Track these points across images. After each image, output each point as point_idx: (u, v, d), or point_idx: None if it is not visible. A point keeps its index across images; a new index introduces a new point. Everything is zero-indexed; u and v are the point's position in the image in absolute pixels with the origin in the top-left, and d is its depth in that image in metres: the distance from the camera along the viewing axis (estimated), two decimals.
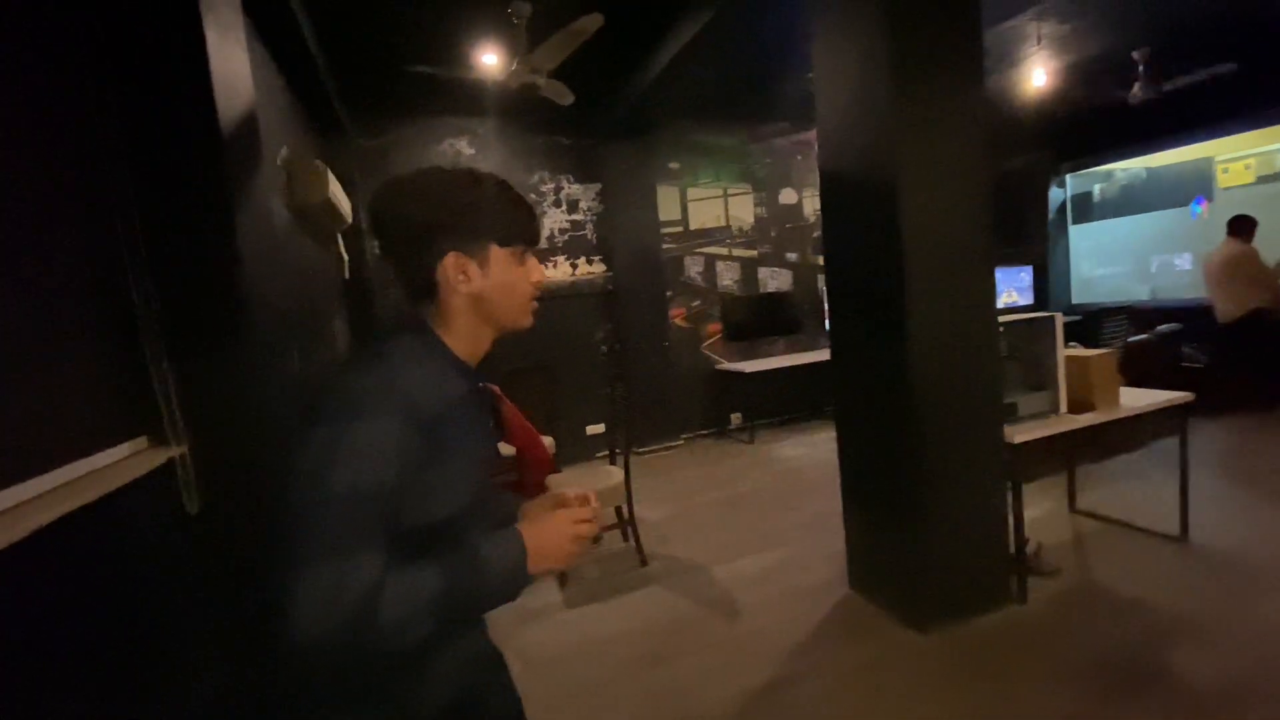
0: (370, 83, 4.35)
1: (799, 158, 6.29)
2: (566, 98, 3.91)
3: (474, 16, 3.58)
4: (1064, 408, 2.55)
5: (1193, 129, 5.98)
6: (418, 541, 0.73)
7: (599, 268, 5.59)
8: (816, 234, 6.29)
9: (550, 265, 5.38)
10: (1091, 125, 6.47)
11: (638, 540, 3.29)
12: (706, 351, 6.06)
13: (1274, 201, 5.82)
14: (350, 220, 3.63)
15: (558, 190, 5.43)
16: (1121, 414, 2.63)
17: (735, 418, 6.10)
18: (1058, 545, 2.94)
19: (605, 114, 5.22)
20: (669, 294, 5.84)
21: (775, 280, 6.36)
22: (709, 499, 4.26)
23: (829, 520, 3.01)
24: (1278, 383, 4.80)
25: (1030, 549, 2.64)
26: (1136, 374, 4.57)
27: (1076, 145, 6.92)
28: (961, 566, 2.42)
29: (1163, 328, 4.98)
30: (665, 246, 5.82)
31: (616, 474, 3.28)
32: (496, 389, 3.17)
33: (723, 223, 6.11)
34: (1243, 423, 4.56)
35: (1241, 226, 4.95)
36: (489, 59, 3.78)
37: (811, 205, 6.33)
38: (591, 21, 3.12)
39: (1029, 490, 2.52)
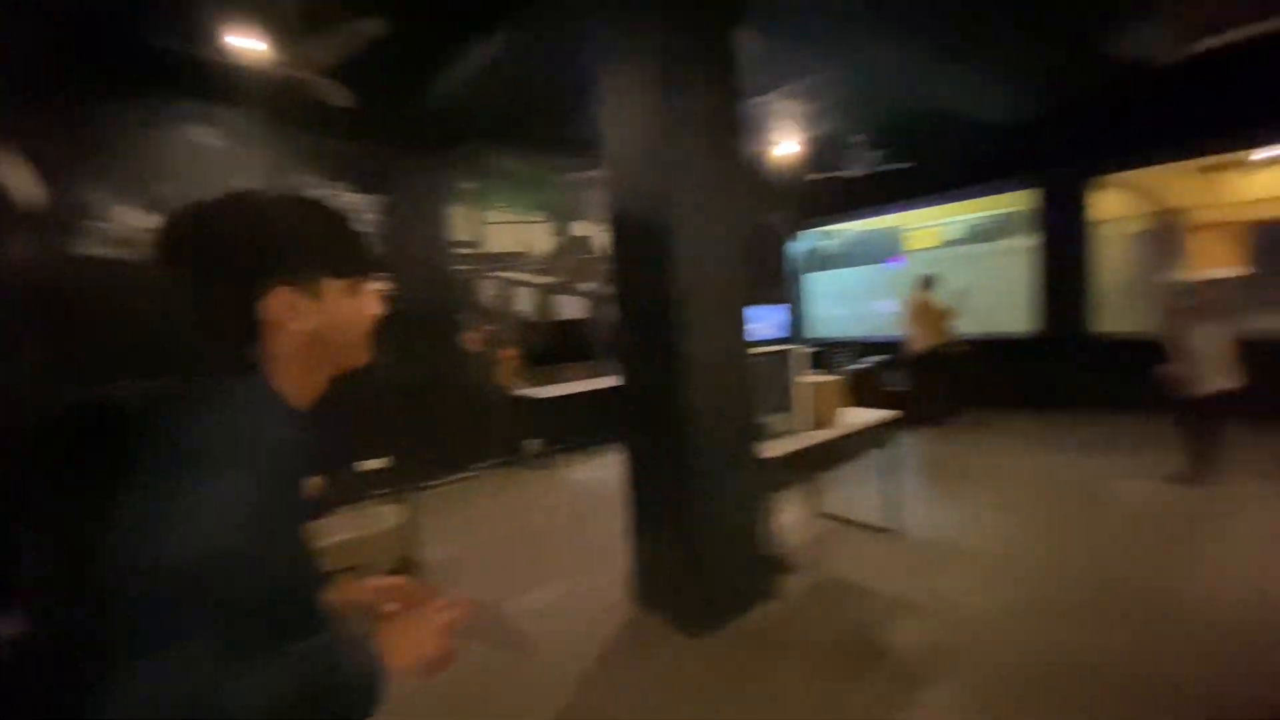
0: (85, 41, 3.51)
1: (591, 193, 6.58)
2: (341, 99, 3.59)
3: None
4: (804, 425, 3.00)
5: (892, 201, 7.58)
6: (258, 617, 0.61)
7: (383, 286, 5.15)
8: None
9: None
10: (823, 191, 7.83)
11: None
12: (501, 377, 5.92)
13: (948, 260, 7.67)
14: (33, 209, 2.84)
15: (332, 198, 4.90)
16: (848, 430, 3.18)
17: (531, 444, 6.03)
18: (803, 545, 3.42)
19: (392, 123, 4.90)
20: (460, 317, 5.61)
21: (570, 307, 6.51)
22: (501, 532, 4.12)
23: (617, 542, 3.11)
24: (953, 402, 6.27)
25: (781, 550, 3.02)
26: (856, 397, 5.56)
27: (811, 207, 8.32)
28: (728, 571, 2.67)
29: (873, 358, 6.16)
30: (459, 268, 5.59)
31: (394, 515, 3.00)
32: None
33: (520, 248, 6.09)
34: (930, 434, 5.84)
35: (926, 281, 6.39)
36: (249, 43, 3.30)
37: (602, 239, 6.65)
38: (373, 26, 2.92)
39: (781, 498, 2.88)
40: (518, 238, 6.09)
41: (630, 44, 2.58)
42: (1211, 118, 5.24)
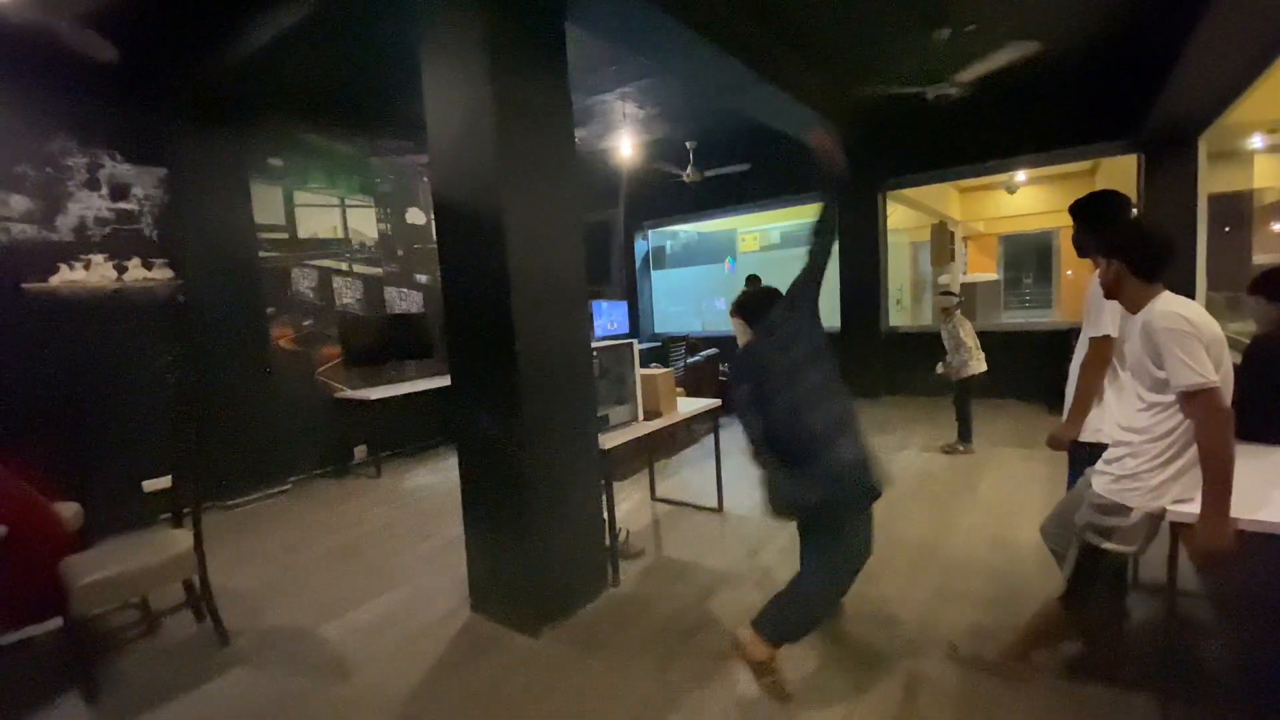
0: None
1: (425, 179, 6.20)
2: (105, 52, 3.00)
3: None
4: (641, 416, 3.12)
5: (724, 206, 8.13)
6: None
7: (162, 273, 4.39)
8: None
9: (80, 266, 3.99)
10: (663, 193, 8.18)
11: (215, 617, 2.65)
12: (322, 379, 5.38)
13: (772, 264, 8.42)
14: None
15: (93, 168, 4.08)
16: (679, 418, 3.36)
17: (359, 451, 5.56)
18: (642, 530, 3.56)
19: (173, 85, 4.20)
20: (270, 311, 4.99)
21: (405, 301, 6.09)
22: (322, 548, 3.74)
23: (455, 547, 2.98)
24: None
25: (621, 537, 3.12)
26: (693, 387, 5.90)
27: (654, 207, 8.66)
28: (568, 565, 2.69)
29: (706, 352, 6.59)
30: (265, 255, 4.96)
31: (181, 540, 2.59)
32: None
33: (341, 235, 5.56)
34: None
35: (751, 281, 6.94)
36: None
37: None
38: None
39: (621, 486, 2.97)
40: (339, 223, 5.55)
41: (455, 22, 2.47)
42: (974, 146, 6.34)
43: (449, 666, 2.40)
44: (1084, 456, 2.04)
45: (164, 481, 4.06)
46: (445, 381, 5.61)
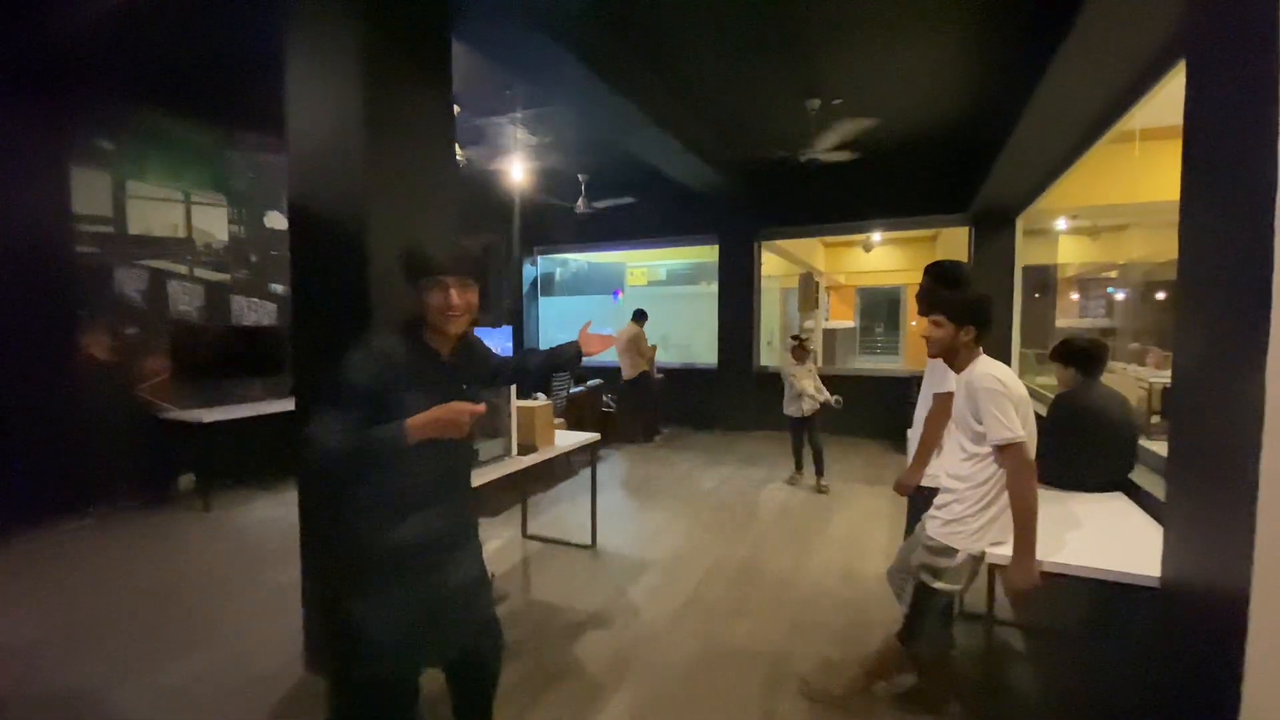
0: None
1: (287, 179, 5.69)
2: None
3: None
4: (515, 450, 2.99)
5: (611, 239, 8.26)
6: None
7: None
8: None
9: None
10: (554, 221, 8.15)
11: None
12: (145, 395, 4.66)
13: (658, 299, 8.63)
14: None
15: None
16: (555, 452, 3.27)
17: (185, 480, 4.85)
18: (510, 570, 3.39)
19: None
20: (81, 313, 4.26)
21: (256, 312, 5.48)
22: (126, 594, 3.17)
23: (291, 594, 2.64)
24: (653, 422, 7.01)
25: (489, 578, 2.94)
26: (576, 416, 5.83)
27: (544, 234, 8.60)
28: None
29: (591, 382, 6.57)
30: (83, 250, 4.26)
31: None
32: None
33: (182, 234, 4.92)
34: (633, 451, 6.43)
35: (638, 315, 7.07)
36: None
37: None
38: None
39: (490, 524, 2.81)
40: (179, 221, 4.91)
41: (327, 21, 2.30)
42: (837, 207, 6.97)
43: None
44: (923, 501, 2.24)
45: None
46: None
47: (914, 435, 2.47)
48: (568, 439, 3.49)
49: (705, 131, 5.71)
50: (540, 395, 4.73)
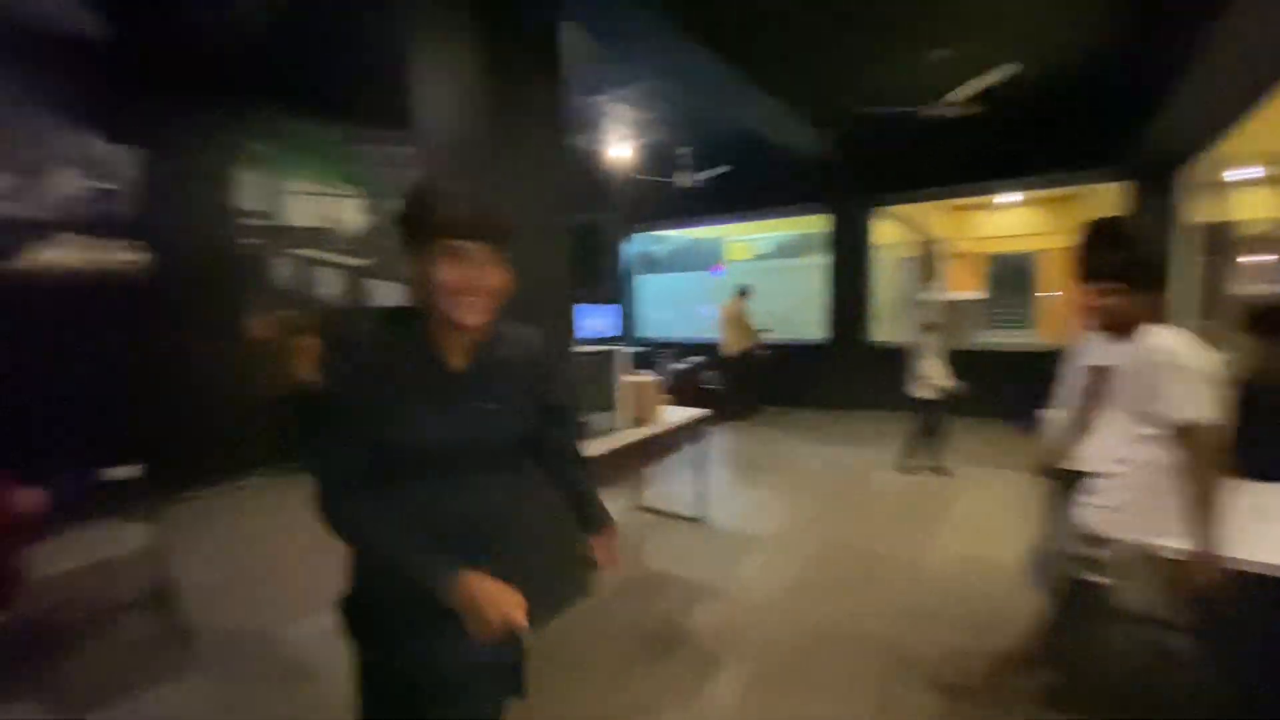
0: None
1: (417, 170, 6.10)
2: (92, 27, 2.88)
3: None
4: (625, 423, 3.06)
5: (713, 213, 8.12)
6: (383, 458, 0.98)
7: (137, 255, 4.24)
8: None
9: (57, 244, 3.83)
10: (655, 197, 8.14)
11: (175, 614, 2.54)
12: (297, 371, 5.23)
13: (763, 274, 8.43)
14: None
15: (75, 147, 3.91)
16: (665, 427, 3.31)
17: None
18: (623, 539, 3.49)
19: (161, 65, 4.07)
20: (247, 298, 4.85)
21: (390, 294, 5.97)
22: (288, 545, 3.61)
23: None
24: (758, 400, 6.91)
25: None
26: (678, 393, 5.86)
27: (645, 211, 8.62)
28: (544, 573, 2.62)
29: (692, 359, 6.56)
30: (246, 242, 4.84)
31: (144, 533, 2.49)
32: None
33: (326, 225, 5.43)
34: (738, 428, 6.37)
35: (742, 290, 6.95)
36: None
37: None
38: None
39: (603, 494, 2.90)
40: (323, 212, 5.43)
41: (450, 18, 2.41)
42: (965, 167, 6.40)
43: None
44: (1067, 486, 2.03)
45: (128, 470, 3.93)
46: None
47: (1054, 414, 2.24)
48: (676, 414, 3.52)
49: (814, 93, 5.42)
50: (645, 371, 4.80)
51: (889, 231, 8.52)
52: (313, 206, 5.35)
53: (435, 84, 2.51)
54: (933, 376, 4.59)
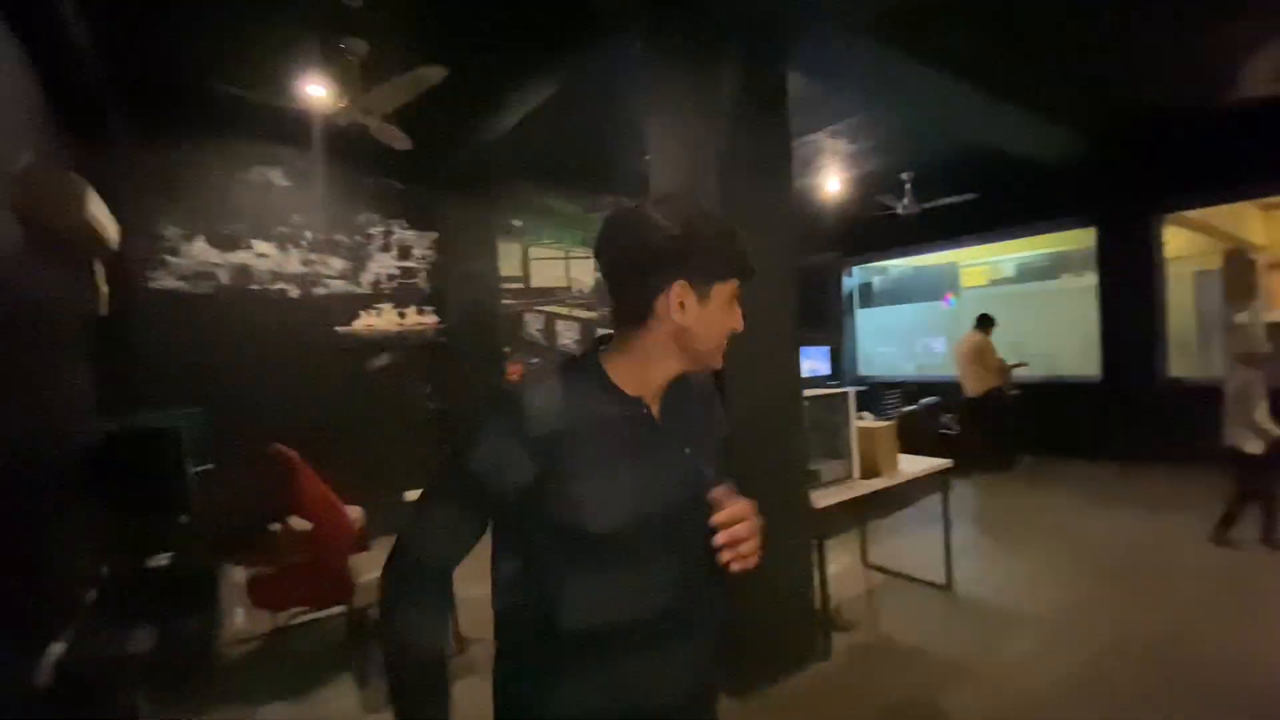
0: (158, 88, 3.79)
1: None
2: (402, 143, 3.73)
3: (299, 40, 3.30)
4: (857, 473, 2.87)
5: (944, 239, 7.38)
6: (575, 548, 0.80)
7: (430, 318, 5.28)
8: None
9: (374, 313, 4.97)
10: (872, 228, 7.69)
11: (455, 623, 2.99)
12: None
13: (1003, 301, 7.42)
14: (116, 246, 3.01)
15: (388, 235, 5.09)
16: (901, 478, 3.03)
17: None
18: (853, 599, 3.24)
19: (445, 163, 5.08)
20: (506, 350, 5.69)
21: None
22: None
23: None
24: (1010, 448, 5.95)
25: (832, 605, 2.87)
26: (907, 439, 5.34)
27: (861, 243, 8.19)
28: (774, 628, 2.54)
29: (925, 400, 5.93)
30: (504, 302, 5.71)
31: None
32: (289, 451, 2.73)
33: (564, 283, 6.18)
34: (987, 481, 5.54)
35: (983, 321, 6.15)
36: (315, 90, 3.48)
37: None
38: (434, 73, 3.04)
39: (828, 546, 2.74)
40: (562, 273, 6.18)
41: (681, 82, 2.61)
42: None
43: None
44: None
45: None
46: None
47: None
48: (915, 464, 3.20)
49: (1062, 94, 4.68)
50: (866, 414, 4.47)
51: (1180, 240, 6.87)
52: (555, 269, 6.13)
53: (667, 143, 2.71)
54: (1259, 421, 3.52)
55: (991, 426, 5.89)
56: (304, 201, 4.67)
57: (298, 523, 2.93)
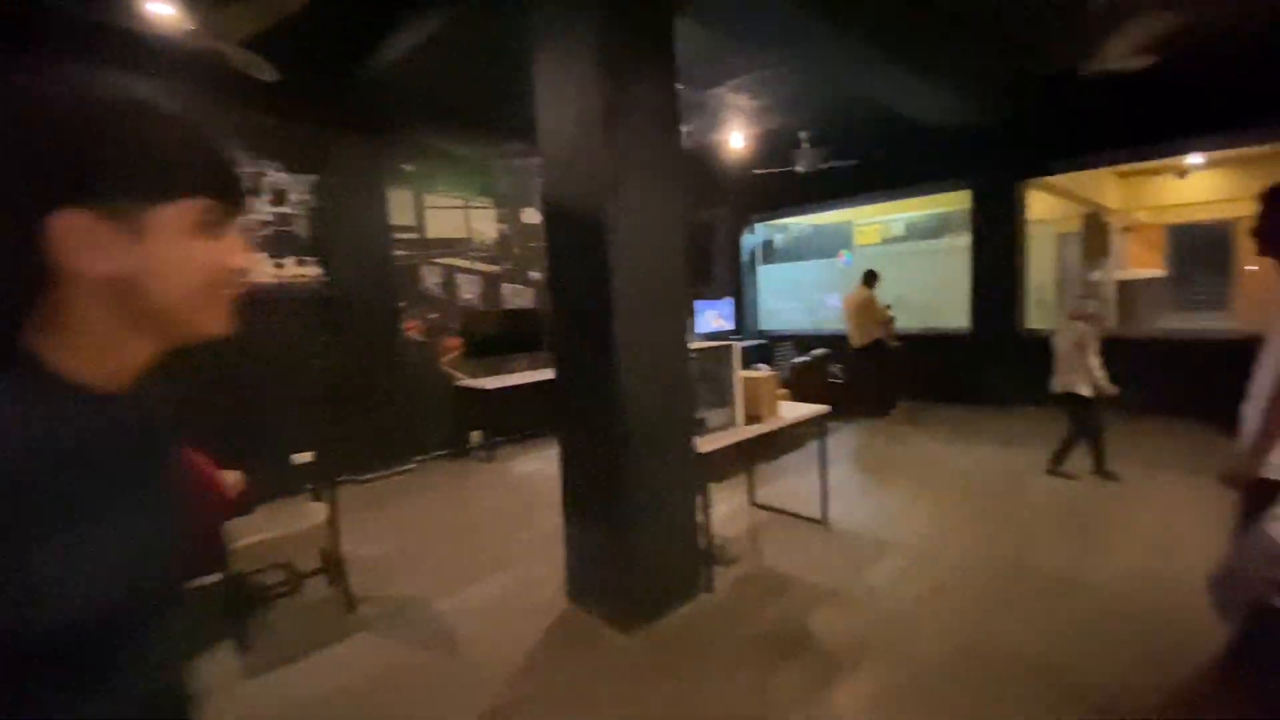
0: None
1: (540, 179, 6.44)
2: (266, 73, 3.38)
3: None
4: (741, 420, 3.03)
5: (840, 197, 7.72)
6: (48, 645, 0.49)
7: (312, 270, 4.92)
8: None
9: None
10: (773, 185, 7.90)
11: (344, 583, 2.94)
12: (444, 367, 5.78)
13: (894, 259, 7.92)
14: None
15: (259, 177, 4.64)
16: (782, 423, 3.23)
17: (475, 436, 5.92)
18: (738, 536, 3.48)
19: (323, 101, 4.67)
20: (402, 305, 5.43)
21: (519, 297, 6.39)
22: (440, 526, 4.03)
23: (557, 535, 3.08)
24: (890, 395, 6.48)
25: (718, 542, 3.06)
26: (801, 388, 5.67)
27: (762, 200, 8.40)
28: (662, 566, 2.68)
29: (816, 351, 6.30)
30: (398, 253, 5.41)
31: (320, 510, 2.89)
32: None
33: (464, 234, 5.93)
34: (870, 426, 6.03)
35: (869, 277, 6.56)
36: (159, 7, 3.05)
37: None
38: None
39: (718, 489, 2.91)
40: (461, 224, 5.92)
41: (567, 28, 2.52)
42: (1136, 127, 5.53)
43: (545, 656, 2.48)
44: (1262, 497, 1.70)
45: (308, 456, 4.56)
46: (551, 375, 5.84)
47: (1251, 412, 1.88)
48: (794, 410, 3.42)
49: (947, 57, 4.95)
50: (763, 366, 4.71)
51: (1045, 204, 7.58)
52: (454, 219, 5.86)
53: (554, 90, 2.63)
54: (1093, 369, 4.04)
55: (874, 375, 6.38)
56: None
57: None
